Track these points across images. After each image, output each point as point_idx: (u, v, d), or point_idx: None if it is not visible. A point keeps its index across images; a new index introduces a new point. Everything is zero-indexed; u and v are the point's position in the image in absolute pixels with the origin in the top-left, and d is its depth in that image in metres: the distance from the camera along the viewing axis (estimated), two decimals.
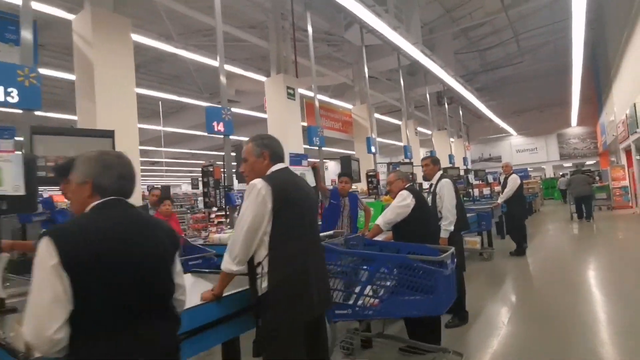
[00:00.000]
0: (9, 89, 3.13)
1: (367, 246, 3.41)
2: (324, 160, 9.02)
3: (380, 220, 3.63)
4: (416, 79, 19.69)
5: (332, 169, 38.15)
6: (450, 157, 18.96)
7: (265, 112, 10.68)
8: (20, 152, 2.49)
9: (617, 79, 14.71)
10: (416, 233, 3.42)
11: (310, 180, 4.55)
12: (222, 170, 5.25)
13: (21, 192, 2.15)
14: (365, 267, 2.73)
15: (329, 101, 15.47)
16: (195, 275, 2.68)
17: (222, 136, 5.18)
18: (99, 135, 3.87)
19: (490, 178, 14.38)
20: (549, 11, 19.62)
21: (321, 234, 3.36)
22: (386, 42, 10.87)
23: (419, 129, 26.02)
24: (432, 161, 4.29)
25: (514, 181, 6.97)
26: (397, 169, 5.59)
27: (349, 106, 15.84)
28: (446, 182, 4.05)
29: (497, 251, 7.50)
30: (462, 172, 14.10)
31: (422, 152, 31.68)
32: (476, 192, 14.24)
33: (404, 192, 3.62)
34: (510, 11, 17.05)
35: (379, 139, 22.78)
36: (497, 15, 17.80)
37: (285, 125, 10.34)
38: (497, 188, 15.19)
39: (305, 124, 12.82)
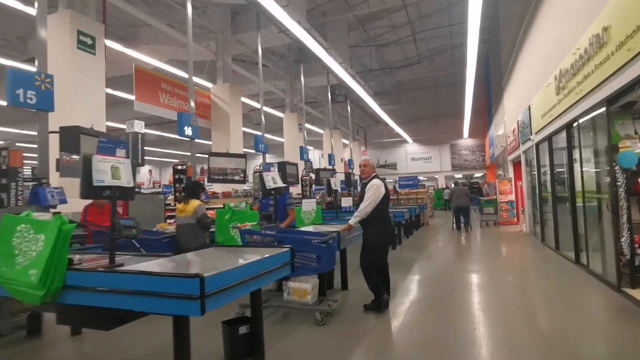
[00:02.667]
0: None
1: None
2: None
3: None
4: (306, 69, 17.16)
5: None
6: (350, 161, 16.88)
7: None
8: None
9: (510, 87, 13.67)
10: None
11: None
12: None
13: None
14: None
15: (176, 73, 12.05)
16: None
17: None
18: None
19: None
20: (447, 14, 18.77)
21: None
22: (262, 12, 8.00)
23: (310, 126, 23.86)
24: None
25: (375, 190, 4.49)
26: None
27: (208, 85, 12.64)
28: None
29: (347, 303, 4.94)
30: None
31: (314, 152, 29.66)
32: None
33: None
34: (409, 9, 15.58)
35: (249, 130, 19.88)
36: (394, 6, 16.20)
37: (77, 89, 6.88)
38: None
39: (133, 97, 9.41)
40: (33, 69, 4.18)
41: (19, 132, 18.18)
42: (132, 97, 9.87)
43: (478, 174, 29.11)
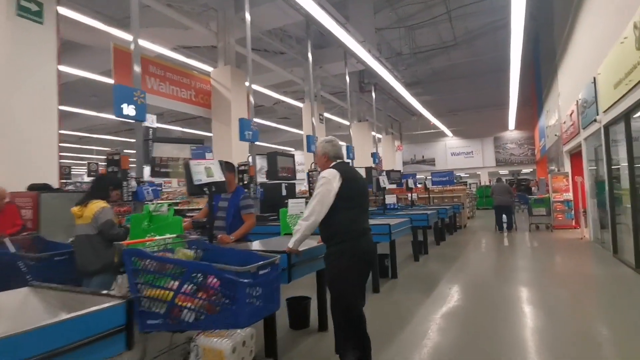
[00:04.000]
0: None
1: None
2: None
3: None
4: (326, 53, 15.53)
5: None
6: (374, 155, 15.05)
7: None
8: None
9: (565, 62, 11.34)
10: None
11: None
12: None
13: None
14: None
15: (173, 57, 10.84)
16: None
17: None
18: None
19: (412, 182, 10.32)
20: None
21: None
22: None
23: (334, 117, 22.13)
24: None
25: (322, 187, 2.83)
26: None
27: (208, 68, 11.31)
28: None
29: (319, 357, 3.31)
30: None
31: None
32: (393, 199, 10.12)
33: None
34: None
35: (262, 121, 18.31)
36: None
37: (16, 65, 5.71)
38: (411, 196, 11.34)
39: (112, 81, 8.18)
40: None
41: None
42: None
43: (526, 170, 26.18)
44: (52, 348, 1.45)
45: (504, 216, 11.67)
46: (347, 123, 21.63)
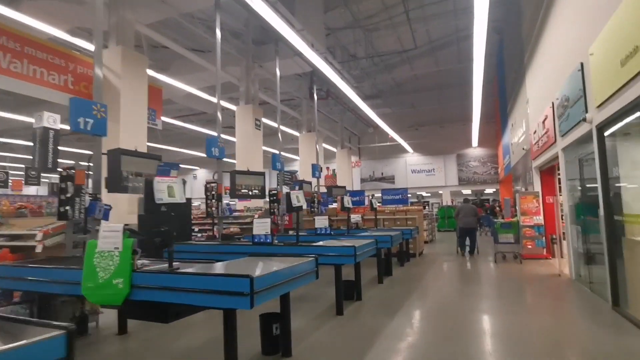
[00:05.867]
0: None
1: None
2: None
3: None
4: (268, 51, 13.39)
5: (200, 176, 30.66)
6: (314, 167, 12.73)
7: None
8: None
9: (535, 64, 9.68)
10: None
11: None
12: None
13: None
14: None
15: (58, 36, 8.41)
16: None
17: None
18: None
19: (348, 200, 8.18)
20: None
21: None
22: None
23: (285, 128, 19.90)
24: None
25: None
26: None
27: (90, 47, 8.87)
28: None
29: None
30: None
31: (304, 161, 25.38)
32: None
33: None
34: None
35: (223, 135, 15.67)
36: None
37: None
38: (353, 217, 9.23)
39: None
40: None
41: None
42: None
43: (489, 190, 24.82)
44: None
45: (467, 239, 10.82)
46: (297, 134, 19.64)
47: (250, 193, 6.33)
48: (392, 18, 15.61)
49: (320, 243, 5.39)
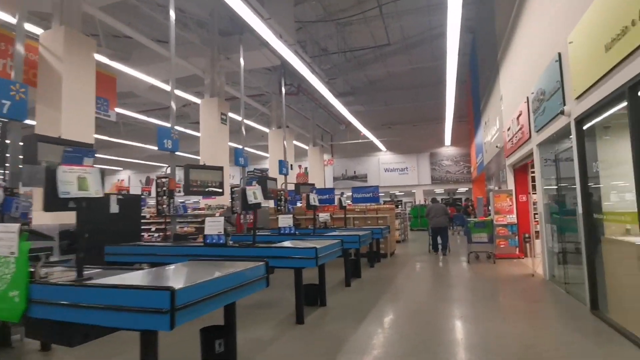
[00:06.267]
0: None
1: None
2: None
3: None
4: (234, 42, 12.72)
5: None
6: (282, 163, 12.12)
7: None
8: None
9: (509, 59, 9.46)
10: None
11: None
12: None
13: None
14: None
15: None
16: None
17: None
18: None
19: (314, 198, 7.67)
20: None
21: None
22: None
23: (254, 124, 19.26)
24: None
25: None
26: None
27: (37, 30, 8.00)
28: None
29: None
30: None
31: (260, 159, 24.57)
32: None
33: None
34: None
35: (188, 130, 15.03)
36: None
37: None
38: (325, 216, 8.77)
39: None
40: None
41: None
42: None
43: (462, 189, 24.89)
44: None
45: (439, 238, 10.84)
46: (267, 130, 19.01)
47: (206, 189, 5.74)
48: (365, 12, 15.20)
49: (280, 244, 4.87)
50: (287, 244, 5.05)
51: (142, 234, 8.24)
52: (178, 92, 13.88)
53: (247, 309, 5.21)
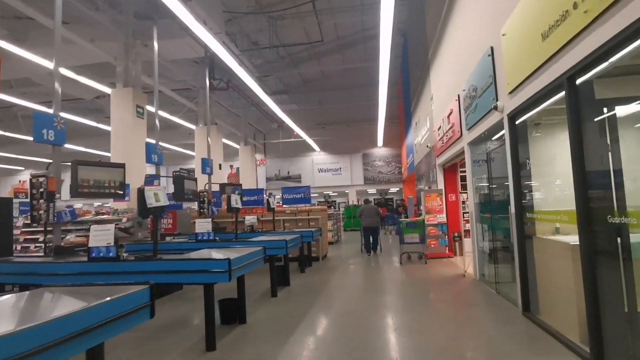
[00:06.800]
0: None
1: None
2: None
3: None
4: (151, 26, 11.50)
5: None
6: (205, 161, 11.10)
7: None
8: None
9: (439, 59, 9.45)
10: None
11: None
12: None
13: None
14: None
15: None
16: None
17: None
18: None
19: (236, 200, 6.90)
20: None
21: None
22: None
23: (179, 120, 17.97)
24: None
25: None
26: None
27: None
28: None
29: None
30: None
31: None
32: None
33: None
34: None
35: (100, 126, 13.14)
36: None
37: None
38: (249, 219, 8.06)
39: None
40: None
41: None
42: None
43: (394, 189, 25.35)
44: None
45: (371, 238, 10.92)
46: (193, 127, 17.79)
47: (102, 191, 4.78)
48: (299, 7, 14.69)
49: (186, 256, 4.10)
50: (195, 254, 4.30)
51: (28, 246, 6.95)
52: (85, 81, 12.35)
53: (154, 331, 4.39)
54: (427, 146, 11.25)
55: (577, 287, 3.52)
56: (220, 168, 16.47)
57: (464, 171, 9.85)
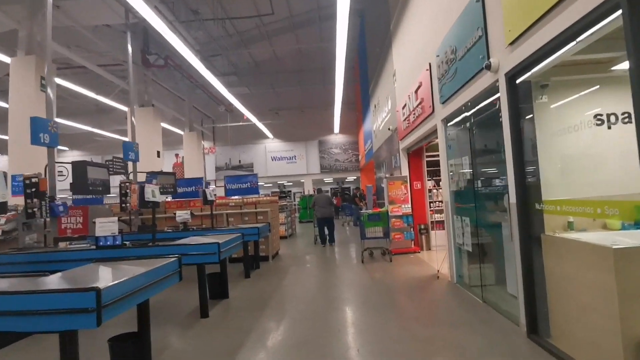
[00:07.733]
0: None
1: None
2: None
3: None
4: None
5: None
6: (128, 146, 9.29)
7: None
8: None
9: (405, 24, 8.29)
10: None
11: None
12: None
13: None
14: None
15: None
16: None
17: None
18: None
19: (152, 192, 5.38)
20: None
21: None
22: None
23: (112, 102, 15.79)
24: None
25: None
26: None
27: None
28: None
29: None
30: None
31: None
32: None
33: None
34: None
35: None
36: None
37: None
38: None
39: None
40: None
41: None
42: None
43: (351, 177, 24.38)
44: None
45: (326, 229, 10.62)
46: (126, 109, 15.71)
47: None
48: None
49: (54, 277, 2.63)
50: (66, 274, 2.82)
51: None
52: None
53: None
54: (389, 129, 10.15)
55: (624, 312, 2.44)
56: (158, 156, 14.60)
57: (431, 156, 8.87)
